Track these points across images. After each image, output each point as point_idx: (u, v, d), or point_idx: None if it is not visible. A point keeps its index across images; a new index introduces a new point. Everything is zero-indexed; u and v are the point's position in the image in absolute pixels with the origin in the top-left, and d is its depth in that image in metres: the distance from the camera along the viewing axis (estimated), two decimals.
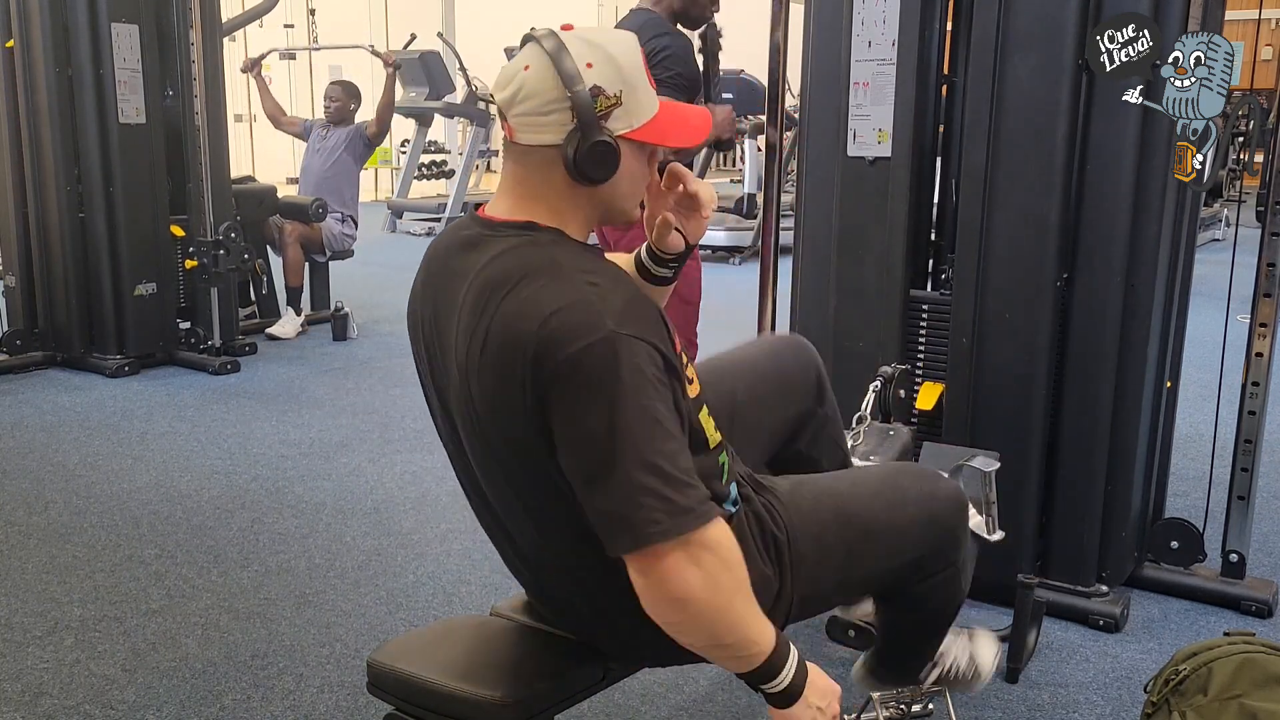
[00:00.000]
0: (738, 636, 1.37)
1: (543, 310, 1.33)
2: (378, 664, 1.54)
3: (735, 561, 1.37)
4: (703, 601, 1.33)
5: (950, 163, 2.79)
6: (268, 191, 6.04)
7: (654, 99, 1.44)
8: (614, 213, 1.49)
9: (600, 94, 1.37)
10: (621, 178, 1.43)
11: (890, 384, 2.48)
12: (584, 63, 1.37)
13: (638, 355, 1.31)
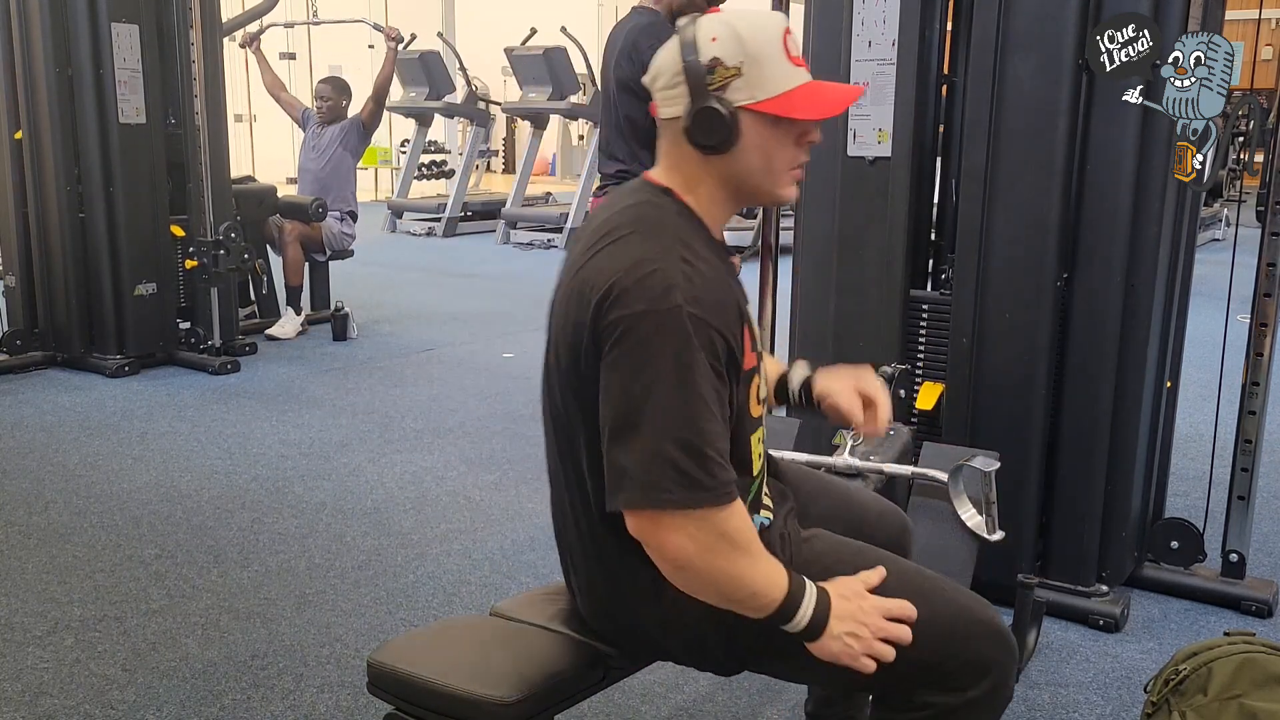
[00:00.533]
0: (745, 592, 1.40)
1: (627, 264, 1.38)
2: (378, 664, 1.54)
3: (742, 540, 1.39)
4: (694, 564, 1.38)
5: (950, 163, 2.79)
6: (268, 191, 6.04)
7: (791, 75, 1.45)
8: (750, 188, 1.50)
9: (718, 65, 1.42)
10: (748, 149, 1.45)
11: (890, 384, 2.47)
12: (709, 37, 1.43)
13: (698, 336, 1.35)
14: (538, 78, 10.04)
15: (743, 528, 1.40)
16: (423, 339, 5.88)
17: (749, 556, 1.40)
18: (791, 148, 1.48)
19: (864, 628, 1.42)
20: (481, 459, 3.88)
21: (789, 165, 1.49)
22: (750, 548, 1.41)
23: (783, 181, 1.50)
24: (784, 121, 1.45)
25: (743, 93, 1.43)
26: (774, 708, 2.31)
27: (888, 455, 2.28)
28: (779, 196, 1.52)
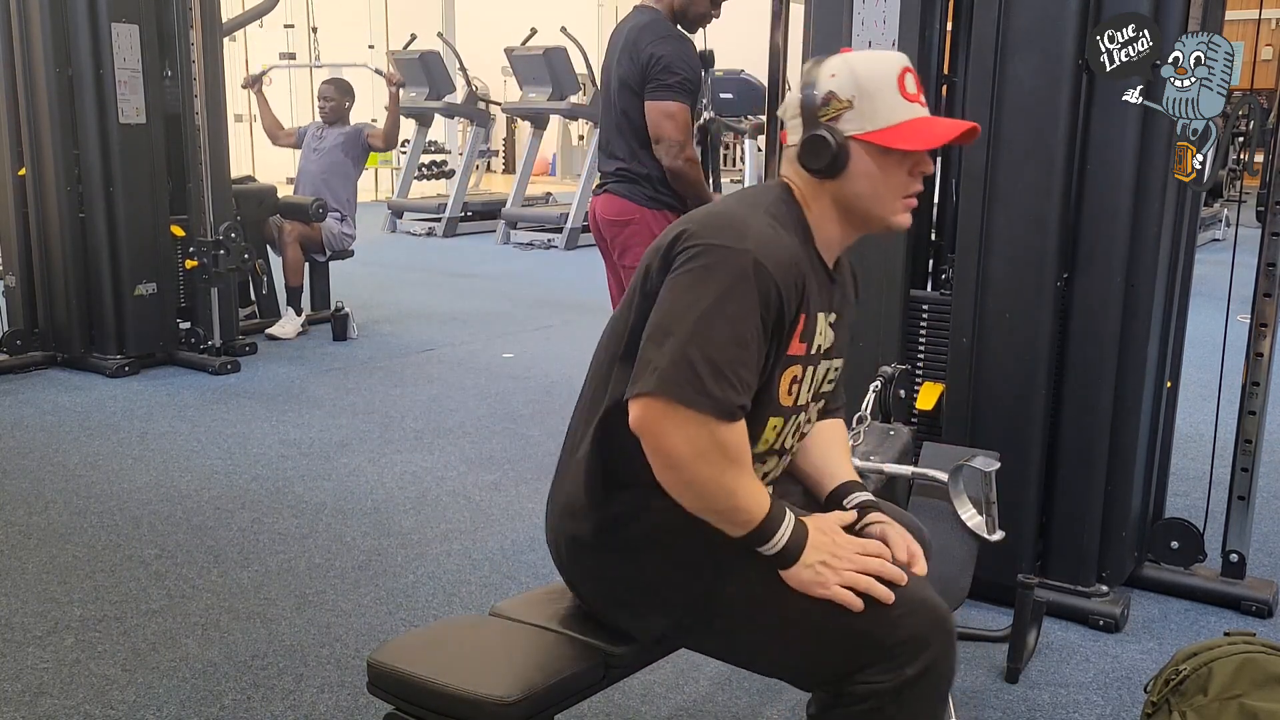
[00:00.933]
0: (727, 503, 1.49)
1: (718, 209, 1.58)
2: (378, 664, 1.54)
3: (734, 453, 1.47)
4: (687, 465, 1.46)
5: (950, 163, 2.79)
6: (268, 191, 6.04)
7: (902, 109, 1.55)
8: (860, 212, 1.60)
9: (833, 98, 1.55)
10: (857, 176, 1.57)
11: (890, 384, 2.47)
12: (829, 74, 1.56)
13: (758, 280, 1.46)
14: (538, 78, 10.04)
15: (739, 444, 1.48)
16: (423, 339, 5.88)
17: (738, 470, 1.48)
18: (903, 177, 1.58)
19: (837, 559, 1.50)
20: (481, 459, 3.88)
21: (899, 193, 1.59)
22: (742, 462, 1.49)
23: (894, 209, 1.60)
24: (894, 152, 1.55)
25: (853, 124, 1.55)
26: (774, 708, 2.31)
27: (888, 455, 2.28)
28: (891, 223, 1.62)
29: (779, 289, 1.48)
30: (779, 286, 1.48)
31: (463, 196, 10.67)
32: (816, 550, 1.50)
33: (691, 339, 1.44)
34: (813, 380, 1.64)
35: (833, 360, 1.69)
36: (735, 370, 1.45)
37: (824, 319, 1.62)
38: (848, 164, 1.56)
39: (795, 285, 1.51)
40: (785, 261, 1.50)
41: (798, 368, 1.58)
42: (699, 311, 1.45)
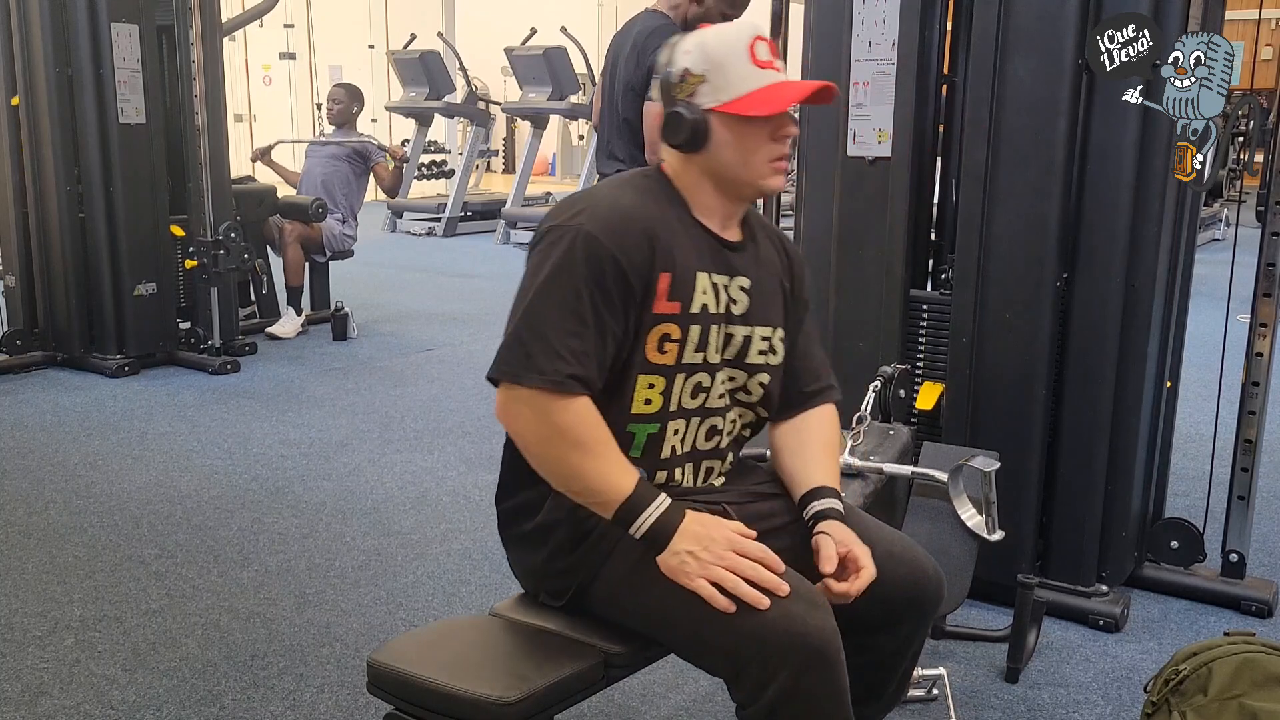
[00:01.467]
0: (580, 486, 1.54)
1: (577, 192, 1.67)
2: (378, 664, 1.54)
3: (577, 437, 1.51)
4: (535, 451, 1.55)
5: (950, 163, 2.79)
6: (268, 191, 6.04)
7: (754, 77, 1.60)
8: (730, 180, 1.64)
9: (688, 74, 1.61)
10: (721, 146, 1.61)
11: (890, 384, 2.47)
12: (683, 51, 1.63)
13: (586, 250, 1.52)
14: (538, 78, 10.04)
15: (579, 425, 1.51)
16: (423, 339, 5.88)
17: (586, 454, 1.52)
18: (766, 142, 1.62)
19: (706, 553, 1.48)
20: (481, 459, 3.88)
21: (765, 158, 1.63)
22: (586, 444, 1.52)
23: (762, 173, 1.63)
24: (752, 119, 1.59)
25: (709, 97, 1.60)
26: None
27: (888, 455, 2.28)
28: (762, 187, 1.66)
29: (614, 254, 1.53)
30: (613, 251, 1.53)
31: (462, 196, 10.67)
32: (687, 539, 1.49)
33: (523, 319, 1.53)
34: (719, 343, 1.64)
35: (756, 328, 1.68)
36: (564, 341, 1.50)
37: (710, 278, 1.63)
38: (709, 136, 1.60)
39: (640, 246, 1.55)
40: (620, 225, 1.55)
41: (671, 326, 1.59)
42: (532, 292, 1.54)
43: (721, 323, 1.65)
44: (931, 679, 2.30)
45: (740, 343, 1.68)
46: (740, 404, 1.73)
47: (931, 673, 2.28)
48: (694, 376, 1.64)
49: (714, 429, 1.70)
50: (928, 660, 2.45)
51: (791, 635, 1.43)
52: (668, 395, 1.62)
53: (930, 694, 2.30)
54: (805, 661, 1.43)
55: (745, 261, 1.69)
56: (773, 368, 1.72)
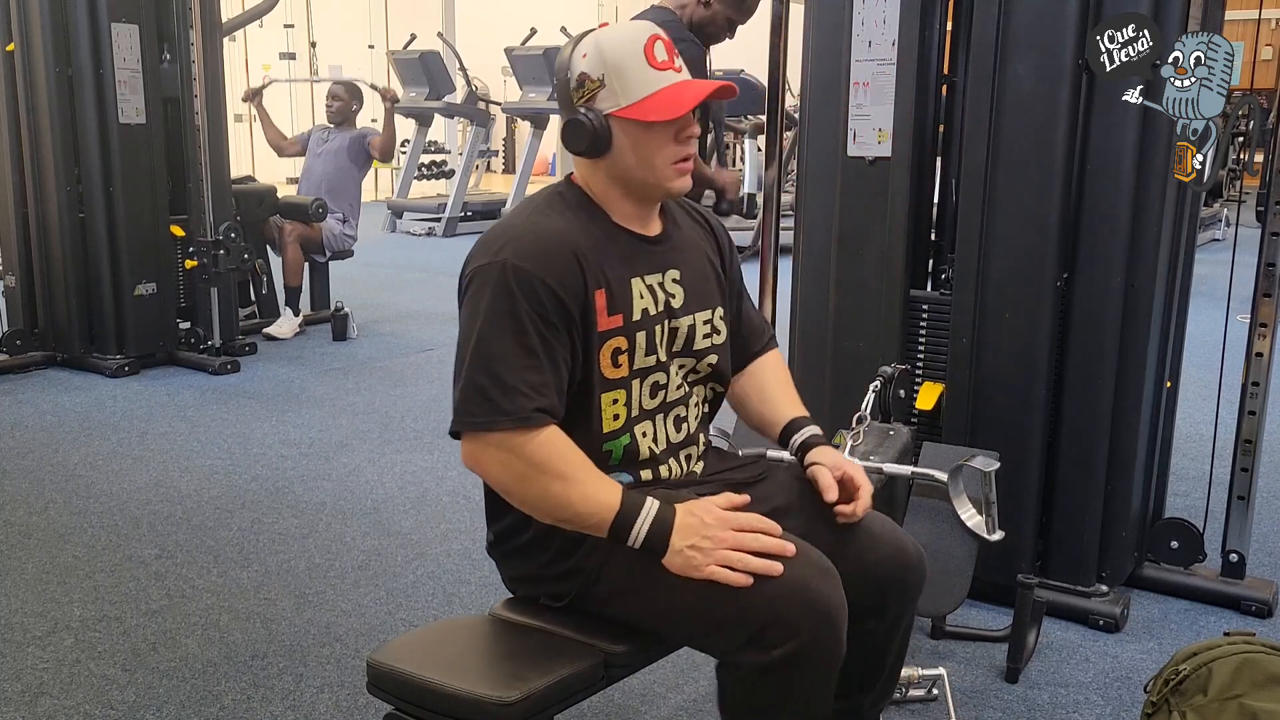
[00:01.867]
0: (569, 513, 1.54)
1: (493, 228, 1.65)
2: (378, 664, 1.54)
3: (551, 467, 1.52)
4: (516, 490, 1.55)
5: (950, 163, 2.78)
6: (268, 191, 6.04)
7: (652, 80, 1.57)
8: (637, 183, 1.63)
9: (586, 79, 1.58)
10: (623, 151, 1.60)
11: (890, 384, 2.47)
12: (580, 55, 1.60)
13: (518, 284, 1.52)
14: (538, 78, 10.04)
15: (550, 455, 1.52)
16: (423, 339, 5.88)
17: (562, 480, 1.52)
18: (669, 144, 1.60)
19: (708, 540, 1.48)
20: None
21: (668, 161, 1.61)
22: (563, 473, 1.52)
23: (665, 175, 1.62)
24: (655, 124, 1.57)
25: (608, 101, 1.58)
26: None
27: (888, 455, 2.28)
28: (667, 190, 1.64)
29: (544, 283, 1.53)
30: (543, 281, 1.53)
31: (462, 196, 10.67)
32: (684, 534, 1.50)
33: (474, 364, 1.53)
34: (664, 340, 1.67)
35: (696, 314, 1.71)
36: (523, 377, 1.51)
37: (643, 281, 1.64)
38: (611, 142, 1.59)
39: (569, 269, 1.55)
40: (544, 251, 1.55)
41: (619, 339, 1.61)
42: (473, 338, 1.54)
43: (664, 320, 1.67)
44: (931, 679, 2.30)
45: (685, 333, 1.71)
46: (695, 384, 1.77)
47: (931, 673, 2.28)
48: (650, 378, 1.67)
49: (679, 418, 1.74)
50: (928, 660, 2.45)
51: (806, 602, 1.46)
52: (629, 405, 1.65)
53: (930, 694, 2.30)
54: (816, 626, 1.46)
55: (671, 253, 1.71)
56: (719, 346, 1.77)
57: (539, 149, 10.86)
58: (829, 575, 1.50)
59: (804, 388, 2.97)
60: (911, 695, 2.29)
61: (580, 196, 1.66)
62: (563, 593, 1.65)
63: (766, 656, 1.45)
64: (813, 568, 1.50)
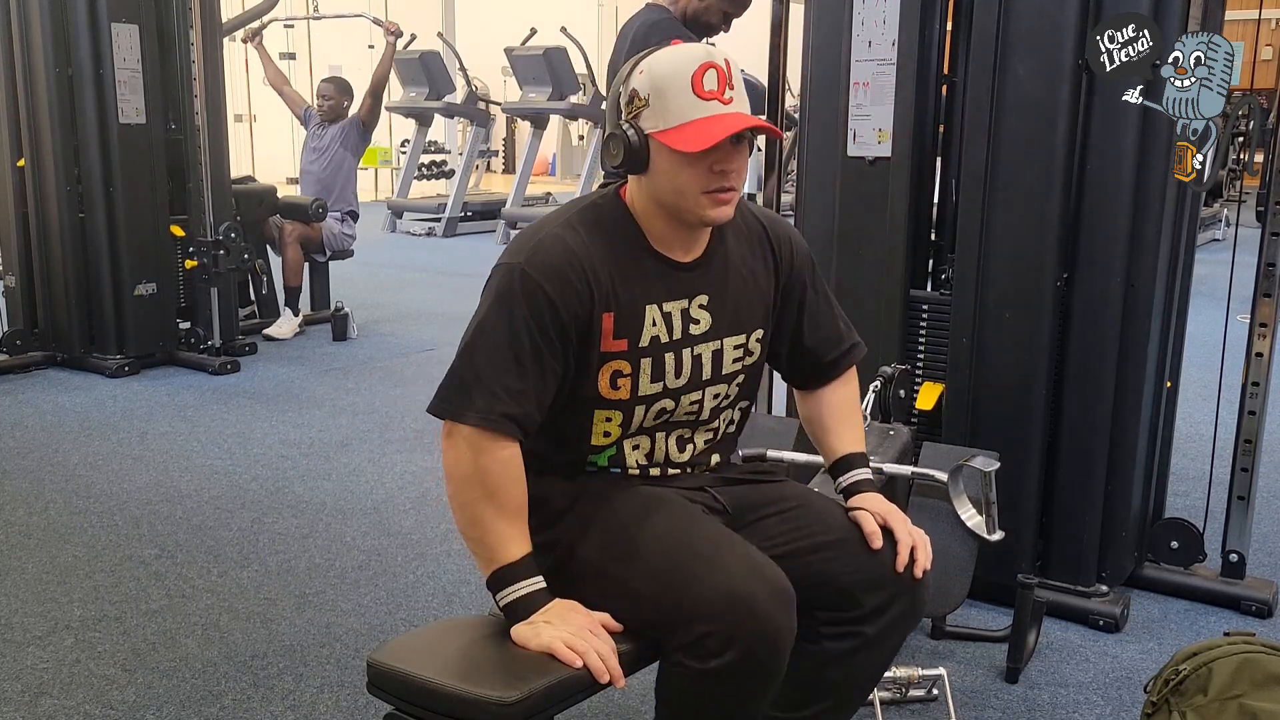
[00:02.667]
0: (474, 535, 1.57)
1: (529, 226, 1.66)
2: (378, 664, 1.54)
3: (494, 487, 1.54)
4: (453, 486, 1.57)
5: (950, 163, 2.79)
6: (268, 191, 6.04)
7: (694, 108, 1.54)
8: (670, 207, 1.62)
9: (635, 97, 1.58)
10: (658, 173, 1.59)
11: (890, 384, 2.48)
12: (639, 71, 1.59)
13: (524, 291, 1.55)
14: (538, 78, 10.04)
15: (502, 476, 1.54)
16: (423, 339, 5.88)
17: (495, 508, 1.55)
18: (703, 173, 1.57)
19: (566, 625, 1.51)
20: None
21: (700, 189, 1.58)
22: (499, 501, 1.55)
23: (698, 203, 1.59)
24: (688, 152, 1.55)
25: (650, 122, 1.57)
26: None
27: (888, 455, 2.28)
28: (700, 217, 1.61)
29: (550, 298, 1.55)
30: (549, 296, 1.55)
31: (462, 196, 10.67)
32: (548, 615, 1.53)
33: (463, 356, 1.56)
34: (675, 368, 1.66)
35: (726, 339, 1.71)
36: (501, 380, 1.53)
37: (660, 309, 1.64)
38: (649, 161, 1.58)
39: (578, 291, 1.56)
40: (559, 268, 1.56)
41: (621, 363, 1.62)
42: (474, 330, 1.57)
43: (678, 348, 1.66)
44: (931, 679, 2.30)
45: (711, 358, 1.69)
46: (724, 409, 1.76)
47: (931, 673, 2.28)
48: (656, 404, 1.67)
49: (683, 439, 1.74)
50: (928, 660, 2.45)
51: (750, 616, 1.45)
52: (626, 426, 1.67)
53: (930, 694, 2.30)
54: (754, 643, 1.45)
55: (706, 277, 1.68)
56: (749, 367, 1.76)
57: (539, 149, 10.86)
58: (781, 596, 1.49)
59: None
60: (911, 695, 2.29)
61: (619, 213, 1.65)
62: (540, 564, 1.64)
63: (703, 664, 1.47)
64: (766, 586, 1.48)
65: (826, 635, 1.67)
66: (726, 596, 1.46)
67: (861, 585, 1.65)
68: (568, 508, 1.66)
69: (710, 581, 1.48)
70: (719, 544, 1.54)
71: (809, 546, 1.67)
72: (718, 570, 1.49)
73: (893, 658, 1.75)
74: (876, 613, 1.66)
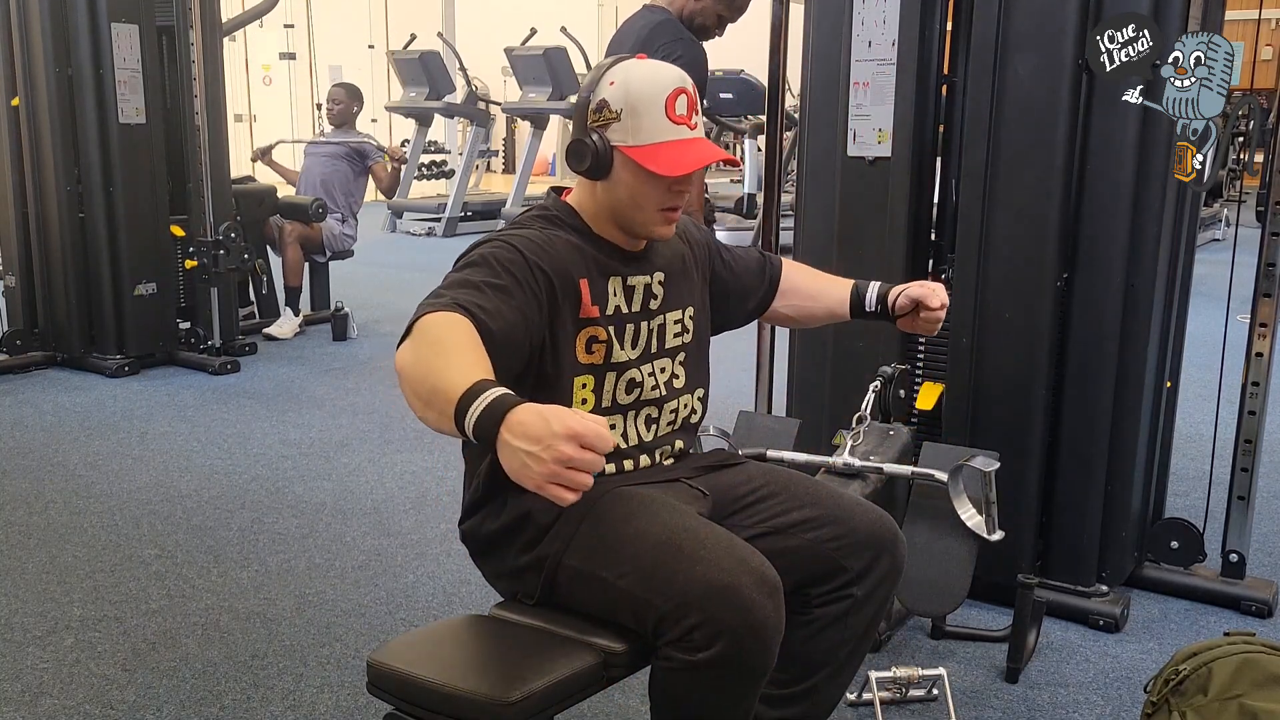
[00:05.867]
0: (427, 387, 1.37)
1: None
2: (378, 664, 1.54)
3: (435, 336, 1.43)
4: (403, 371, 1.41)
5: (950, 163, 2.79)
6: (268, 191, 6.04)
7: (664, 130, 1.63)
8: (622, 217, 1.70)
9: (605, 107, 1.64)
10: (618, 184, 1.66)
11: (890, 384, 2.47)
12: (609, 80, 1.65)
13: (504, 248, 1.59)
14: (538, 78, 10.04)
15: (444, 329, 1.43)
16: None
17: (441, 355, 1.39)
18: (662, 192, 1.66)
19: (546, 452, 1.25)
20: None
21: (657, 205, 1.67)
22: (445, 347, 1.40)
23: (652, 220, 1.68)
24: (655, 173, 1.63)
25: (618, 135, 1.64)
26: None
27: (888, 455, 2.28)
28: (650, 232, 1.71)
29: (537, 261, 1.60)
30: (537, 259, 1.60)
31: (463, 196, 10.67)
32: (522, 435, 1.27)
33: (441, 285, 1.55)
34: (642, 337, 1.75)
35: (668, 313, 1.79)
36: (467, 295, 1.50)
37: (621, 281, 1.72)
38: (610, 171, 1.66)
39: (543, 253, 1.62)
40: (541, 243, 1.63)
41: (597, 329, 1.68)
42: (457, 271, 1.59)
43: (640, 320, 1.75)
44: (931, 679, 2.30)
45: (657, 331, 1.78)
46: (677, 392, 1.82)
47: (931, 673, 2.28)
48: (625, 374, 1.73)
49: (650, 418, 1.79)
50: (928, 660, 2.45)
51: (739, 609, 1.46)
52: (599, 393, 1.71)
53: (930, 694, 2.30)
54: (743, 636, 1.46)
55: (654, 258, 1.79)
56: (688, 345, 1.84)
57: (539, 149, 10.86)
58: (770, 590, 1.50)
59: (804, 387, 2.99)
60: (911, 695, 2.29)
61: (565, 214, 1.73)
62: (533, 589, 1.68)
63: (692, 656, 1.48)
64: (755, 578, 1.49)
65: (817, 604, 1.75)
66: (712, 588, 1.47)
67: (844, 551, 1.73)
68: (551, 522, 1.66)
69: (695, 574, 1.49)
70: (702, 537, 1.55)
71: (788, 523, 1.74)
72: (702, 563, 1.50)
73: (883, 613, 1.80)
74: (861, 575, 1.74)
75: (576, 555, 1.62)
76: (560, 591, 1.66)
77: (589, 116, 1.65)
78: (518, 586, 1.73)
